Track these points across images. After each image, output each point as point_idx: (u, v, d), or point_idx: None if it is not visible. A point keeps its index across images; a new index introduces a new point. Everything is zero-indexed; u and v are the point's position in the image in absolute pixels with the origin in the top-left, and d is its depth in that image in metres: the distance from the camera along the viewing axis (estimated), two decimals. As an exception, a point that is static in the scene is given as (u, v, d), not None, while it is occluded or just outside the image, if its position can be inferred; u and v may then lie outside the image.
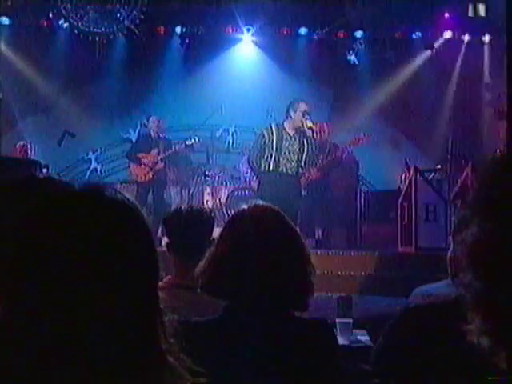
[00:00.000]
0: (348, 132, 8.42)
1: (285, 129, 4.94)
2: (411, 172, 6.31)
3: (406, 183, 6.39)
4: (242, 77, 8.20)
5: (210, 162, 7.87)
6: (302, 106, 4.89)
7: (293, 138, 4.91)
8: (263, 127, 5.28)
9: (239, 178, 7.50)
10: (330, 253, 5.68)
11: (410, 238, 6.08)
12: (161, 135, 7.06)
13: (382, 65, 8.32)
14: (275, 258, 1.51)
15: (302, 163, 4.93)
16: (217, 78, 8.22)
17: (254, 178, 5.61)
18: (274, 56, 8.36)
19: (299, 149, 4.90)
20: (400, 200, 6.32)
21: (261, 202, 1.56)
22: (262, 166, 4.91)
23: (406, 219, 6.17)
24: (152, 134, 7.01)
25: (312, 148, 4.94)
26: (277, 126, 4.99)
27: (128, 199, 0.84)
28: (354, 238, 7.41)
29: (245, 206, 1.55)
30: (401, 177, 7.06)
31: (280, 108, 7.69)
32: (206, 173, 7.64)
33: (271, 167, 4.87)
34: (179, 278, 2.11)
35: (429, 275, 4.70)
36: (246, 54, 8.53)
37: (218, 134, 8.30)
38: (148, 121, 7.07)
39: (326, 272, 5.30)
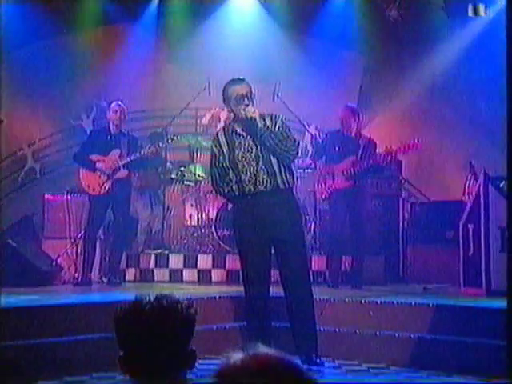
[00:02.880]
0: (385, 116, 8.16)
1: (235, 130, 4.59)
2: (479, 179, 6.06)
3: (472, 195, 6.15)
4: (237, 44, 8.15)
5: (194, 160, 7.72)
6: (234, 91, 4.50)
7: (249, 141, 4.54)
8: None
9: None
10: (363, 301, 5.33)
11: (478, 275, 5.82)
12: (123, 130, 6.81)
13: (433, 23, 8.01)
14: None
15: (276, 170, 4.49)
16: (203, 46, 8.13)
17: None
18: (280, 15, 8.30)
19: (261, 153, 4.49)
20: (463, 219, 6.05)
21: (263, 351, 1.36)
22: (225, 190, 4.64)
23: (471, 248, 5.94)
24: (112, 127, 6.75)
25: (280, 142, 4.44)
26: (224, 131, 4.66)
27: None
28: (395, 268, 7.28)
29: (237, 357, 1.35)
30: (464, 185, 6.73)
31: (289, 85, 7.50)
32: (188, 176, 7.50)
33: (235, 191, 4.56)
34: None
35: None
36: (242, 11, 8.44)
37: (204, 122, 8.18)
38: (109, 108, 6.80)
39: (357, 331, 5.06)
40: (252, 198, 4.49)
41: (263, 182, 4.49)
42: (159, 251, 7.23)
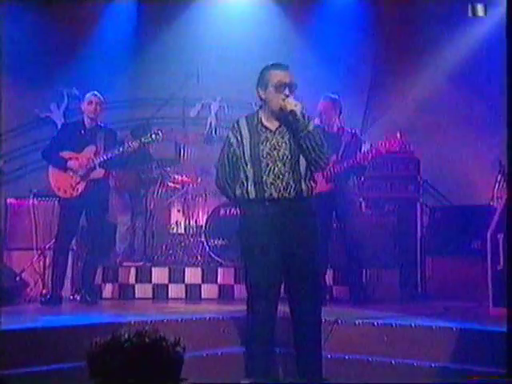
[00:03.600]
0: (398, 110, 8.15)
1: (261, 122, 4.49)
2: (510, 181, 5.91)
3: (502, 199, 6.17)
4: (231, 27, 8.28)
5: (181, 158, 7.84)
6: (277, 76, 4.44)
7: (277, 136, 4.46)
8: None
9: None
10: (375, 323, 5.28)
11: (509, 293, 5.52)
12: (100, 123, 6.79)
13: (458, 7, 7.96)
14: None
15: (302, 175, 4.44)
16: (192, 29, 8.23)
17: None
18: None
19: (290, 153, 4.43)
20: (492, 227, 5.98)
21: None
22: (238, 192, 4.53)
23: (501, 261, 5.88)
24: (86, 120, 6.76)
25: (317, 146, 4.40)
26: (247, 120, 4.55)
27: None
28: (412, 283, 7.27)
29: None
30: (493, 188, 6.79)
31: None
32: (175, 177, 7.61)
33: (251, 193, 4.46)
34: None
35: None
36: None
37: (192, 114, 8.32)
38: (83, 98, 6.81)
39: (369, 359, 5.00)
40: (271, 203, 4.40)
41: (288, 186, 4.39)
42: (140, 263, 7.21)
